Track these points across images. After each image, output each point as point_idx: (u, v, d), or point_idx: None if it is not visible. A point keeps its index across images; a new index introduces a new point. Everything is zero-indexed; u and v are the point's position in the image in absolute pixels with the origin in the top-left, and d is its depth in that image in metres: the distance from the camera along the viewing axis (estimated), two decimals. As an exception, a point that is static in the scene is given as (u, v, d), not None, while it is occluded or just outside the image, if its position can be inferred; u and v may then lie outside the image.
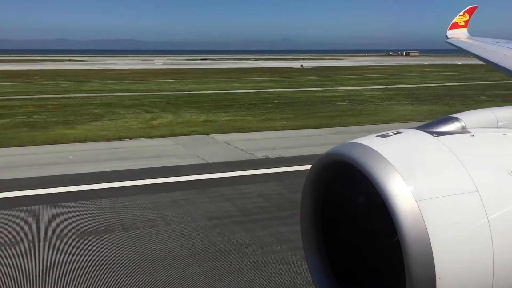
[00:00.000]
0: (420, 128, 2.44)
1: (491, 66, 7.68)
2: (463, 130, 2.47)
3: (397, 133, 2.34)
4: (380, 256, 2.38)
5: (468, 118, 2.60)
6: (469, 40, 11.59)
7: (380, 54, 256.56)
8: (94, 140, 20.71)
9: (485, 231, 1.99)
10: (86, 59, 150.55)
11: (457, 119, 2.56)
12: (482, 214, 2.00)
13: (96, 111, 30.02)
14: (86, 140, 20.79)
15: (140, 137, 21.60)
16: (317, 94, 41.93)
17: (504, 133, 2.45)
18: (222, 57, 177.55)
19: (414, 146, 2.23)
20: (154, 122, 26.00)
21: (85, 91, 44.17)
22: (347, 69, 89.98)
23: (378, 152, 2.12)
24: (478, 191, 2.03)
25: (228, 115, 28.59)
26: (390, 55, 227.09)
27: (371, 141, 2.24)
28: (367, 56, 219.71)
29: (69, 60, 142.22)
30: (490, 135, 2.49)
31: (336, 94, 42.02)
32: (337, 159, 2.26)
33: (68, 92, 43.64)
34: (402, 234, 1.92)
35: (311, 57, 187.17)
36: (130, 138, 21.34)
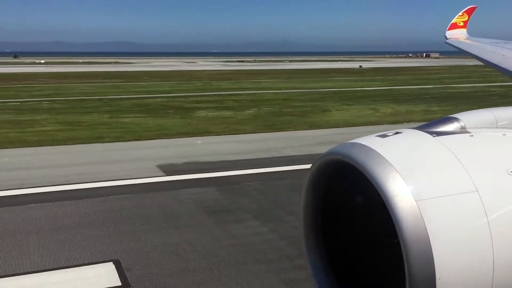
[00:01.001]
0: (419, 128, 2.44)
1: (490, 67, 7.68)
2: (463, 130, 2.48)
3: (397, 133, 2.34)
4: (380, 256, 2.38)
5: (467, 118, 2.60)
6: (468, 41, 11.58)
7: (399, 55, 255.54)
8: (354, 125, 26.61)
9: (485, 231, 1.99)
10: (131, 61, 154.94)
11: (456, 119, 2.56)
12: (482, 214, 2.00)
13: (322, 104, 36.99)
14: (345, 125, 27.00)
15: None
16: (466, 90, 47.47)
17: (504, 133, 2.46)
18: (256, 59, 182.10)
19: (413, 146, 2.24)
20: (383, 111, 32.52)
21: (234, 89, 50.15)
22: (406, 70, 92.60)
23: (378, 152, 2.12)
24: (477, 191, 2.03)
25: (423, 107, 34.74)
26: (410, 56, 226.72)
27: (371, 141, 2.24)
28: (388, 57, 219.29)
29: (116, 62, 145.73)
30: (490, 135, 2.49)
31: (471, 90, 47.32)
32: (337, 159, 2.26)
33: (223, 89, 50.14)
34: (402, 234, 1.92)
35: (341, 58, 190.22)
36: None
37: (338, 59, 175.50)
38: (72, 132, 24.34)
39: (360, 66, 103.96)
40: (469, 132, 2.42)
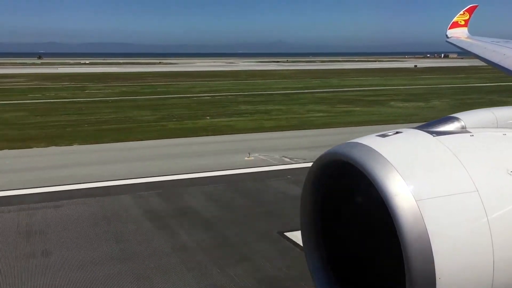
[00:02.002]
0: (420, 128, 2.44)
1: (491, 66, 7.67)
2: (463, 130, 2.47)
3: (397, 132, 2.33)
4: (380, 255, 2.38)
5: (468, 118, 2.60)
6: (469, 40, 11.56)
7: (416, 56, 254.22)
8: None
9: (485, 231, 1.99)
10: (175, 62, 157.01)
11: (457, 119, 2.56)
12: (482, 214, 2.00)
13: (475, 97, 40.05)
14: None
15: None
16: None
17: (504, 133, 2.45)
18: (288, 60, 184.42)
19: (414, 146, 2.23)
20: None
21: (355, 86, 53.34)
22: (457, 70, 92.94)
23: (378, 152, 2.12)
24: (477, 190, 2.03)
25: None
26: (427, 57, 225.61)
27: (371, 140, 2.24)
28: (407, 58, 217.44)
29: (160, 62, 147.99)
30: (490, 135, 2.49)
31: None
32: (337, 158, 2.26)
33: (348, 86, 53.45)
34: (402, 233, 1.92)
35: (377, 59, 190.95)
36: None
37: (375, 59, 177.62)
38: (345, 118, 29.02)
39: (415, 66, 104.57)
40: (469, 132, 2.41)
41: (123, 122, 27.74)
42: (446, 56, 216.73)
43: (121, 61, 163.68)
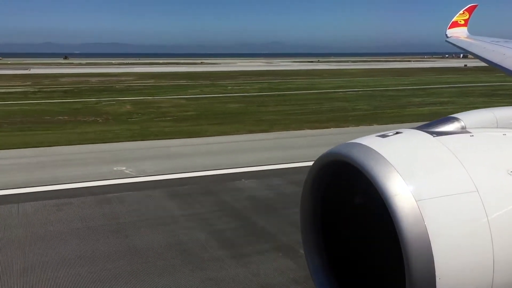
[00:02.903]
0: (419, 128, 2.44)
1: (491, 66, 7.67)
2: (463, 130, 2.47)
3: (397, 133, 2.34)
4: (380, 255, 2.38)
5: (468, 118, 2.60)
6: (468, 39, 11.57)
7: (434, 56, 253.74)
8: None
9: (485, 231, 1.99)
10: (217, 62, 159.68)
11: (457, 119, 2.56)
12: (482, 214, 2.00)
13: None
14: None
15: None
16: None
17: (504, 133, 2.46)
18: (319, 60, 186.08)
19: (414, 146, 2.24)
20: None
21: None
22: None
23: (378, 152, 2.12)
24: (477, 191, 2.03)
25: None
26: (446, 57, 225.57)
27: (371, 141, 2.24)
28: (426, 58, 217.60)
29: (201, 62, 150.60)
30: (490, 135, 2.49)
31: None
32: (337, 159, 2.26)
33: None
34: (402, 233, 1.92)
35: (404, 59, 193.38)
36: None
37: (409, 59, 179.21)
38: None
39: (465, 65, 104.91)
40: (469, 132, 2.42)
41: (346, 111, 31.62)
42: (465, 57, 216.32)
43: (160, 61, 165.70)
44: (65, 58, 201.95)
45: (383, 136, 2.29)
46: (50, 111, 31.41)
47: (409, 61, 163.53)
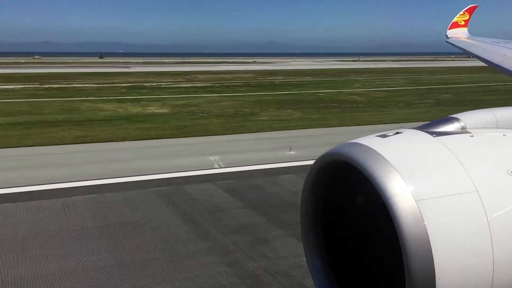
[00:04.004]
0: (420, 128, 2.44)
1: (491, 67, 7.67)
2: (463, 131, 2.47)
3: (397, 133, 2.34)
4: (380, 256, 2.38)
5: (468, 118, 2.60)
6: (469, 40, 11.55)
7: (458, 56, 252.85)
8: None
9: (485, 231, 1.99)
10: (269, 61, 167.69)
11: (457, 119, 2.56)
12: (482, 214, 2.00)
13: None
14: None
15: None
16: None
17: (504, 134, 2.46)
18: (359, 59, 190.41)
19: (413, 146, 2.24)
20: None
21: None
22: None
23: (378, 152, 2.12)
24: (477, 191, 2.03)
25: None
26: (451, 58, 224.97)
27: (371, 141, 2.24)
28: (453, 58, 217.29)
29: (253, 62, 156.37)
30: (490, 135, 2.49)
31: None
32: (337, 159, 2.26)
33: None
34: (402, 233, 1.92)
35: (435, 58, 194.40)
36: None
37: (434, 58, 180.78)
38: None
39: None
40: (469, 133, 2.42)
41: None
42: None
43: (201, 60, 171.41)
44: (101, 57, 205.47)
45: (383, 136, 2.29)
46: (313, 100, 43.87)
47: (435, 60, 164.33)
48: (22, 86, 57.24)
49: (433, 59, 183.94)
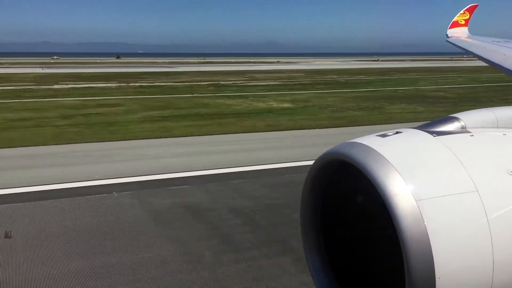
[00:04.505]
0: (420, 127, 2.44)
1: (492, 66, 7.67)
2: (463, 130, 2.47)
3: (397, 132, 2.34)
4: (380, 255, 2.38)
5: (468, 118, 2.60)
6: (469, 40, 11.56)
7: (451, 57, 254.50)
8: None
9: (485, 231, 1.99)
10: (291, 61, 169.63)
11: (457, 119, 2.56)
12: (482, 214, 2.00)
13: None
14: None
15: None
16: None
17: (504, 133, 2.46)
18: (378, 59, 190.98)
19: (414, 146, 2.24)
20: None
21: None
22: None
23: (378, 152, 2.12)
24: (477, 190, 2.03)
25: None
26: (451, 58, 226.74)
27: (371, 140, 2.24)
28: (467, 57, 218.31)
29: (278, 61, 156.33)
30: (490, 135, 2.49)
31: None
32: (337, 158, 2.26)
33: None
34: (402, 233, 1.92)
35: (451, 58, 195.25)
36: None
37: (450, 58, 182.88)
38: None
39: None
40: (469, 132, 2.42)
41: None
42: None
43: (224, 61, 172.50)
44: (118, 57, 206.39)
45: (383, 135, 2.30)
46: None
47: (451, 59, 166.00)
48: (109, 84, 57.99)
49: (450, 58, 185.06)
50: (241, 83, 61.73)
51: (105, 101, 39.31)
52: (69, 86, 55.92)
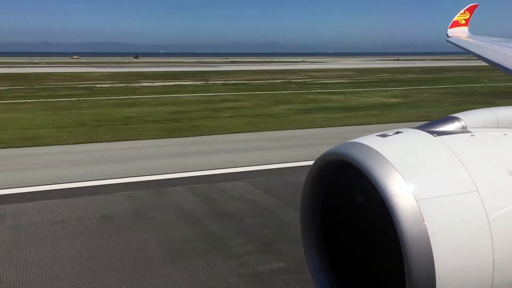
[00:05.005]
0: (420, 127, 2.44)
1: (492, 66, 7.66)
2: (464, 130, 2.47)
3: (397, 132, 2.34)
4: (380, 256, 2.38)
5: (468, 117, 2.59)
6: (469, 39, 11.55)
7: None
8: None
9: (485, 231, 1.99)
10: (316, 60, 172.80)
11: (457, 118, 2.56)
12: (482, 214, 2.00)
13: None
14: None
15: None
16: None
17: (505, 133, 2.45)
18: (398, 58, 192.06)
19: (414, 146, 2.24)
20: None
21: None
22: None
23: (378, 152, 2.12)
24: (478, 190, 2.03)
25: None
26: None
27: (371, 140, 2.24)
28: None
29: (302, 61, 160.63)
30: (491, 135, 2.49)
31: None
32: (337, 158, 2.26)
33: None
34: (402, 233, 1.92)
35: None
36: None
37: (468, 58, 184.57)
38: None
39: None
40: (470, 132, 2.41)
41: None
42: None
43: (248, 60, 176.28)
44: (136, 57, 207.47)
45: (383, 135, 2.29)
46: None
47: (469, 59, 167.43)
48: (194, 82, 59.65)
49: (467, 58, 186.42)
50: (311, 81, 62.67)
51: (221, 97, 41.66)
52: (158, 84, 57.13)
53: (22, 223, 11.27)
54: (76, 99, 39.64)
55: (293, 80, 63.30)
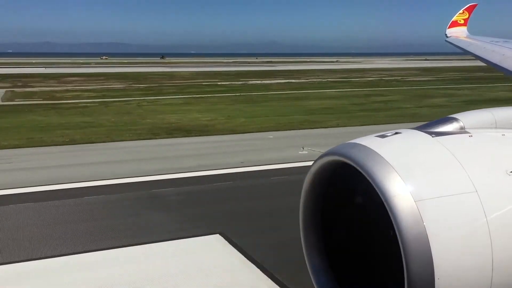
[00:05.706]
0: (418, 128, 2.44)
1: (491, 66, 7.65)
2: (462, 131, 2.47)
3: (396, 133, 2.34)
4: (380, 256, 2.39)
5: (467, 118, 2.60)
6: (468, 39, 11.50)
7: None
8: None
9: (484, 231, 1.99)
10: (351, 60, 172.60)
11: (455, 119, 2.56)
12: (481, 214, 2.00)
13: None
14: None
15: None
16: None
17: (503, 134, 2.46)
18: (426, 58, 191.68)
19: (413, 147, 2.24)
20: None
21: None
22: None
23: (377, 153, 2.12)
24: (476, 191, 2.03)
25: None
26: None
27: (370, 141, 2.24)
28: None
29: (337, 61, 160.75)
30: (489, 135, 2.49)
31: None
32: (337, 159, 2.26)
33: None
34: (401, 234, 1.92)
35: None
36: None
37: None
38: None
39: None
40: (468, 133, 2.41)
41: None
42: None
43: (278, 60, 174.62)
44: (162, 58, 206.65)
45: (382, 136, 2.29)
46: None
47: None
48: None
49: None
50: (401, 78, 63.34)
51: (360, 92, 43.11)
52: (265, 82, 57.61)
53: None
54: (238, 94, 41.14)
55: (384, 78, 63.64)
